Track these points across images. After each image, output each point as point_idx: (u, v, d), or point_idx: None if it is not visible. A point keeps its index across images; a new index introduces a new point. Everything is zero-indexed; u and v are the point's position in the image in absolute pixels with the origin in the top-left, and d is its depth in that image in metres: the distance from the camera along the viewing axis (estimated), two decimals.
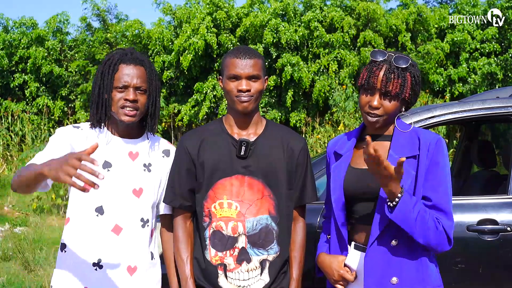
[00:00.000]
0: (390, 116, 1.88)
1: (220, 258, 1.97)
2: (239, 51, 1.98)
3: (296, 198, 2.06)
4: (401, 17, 13.08)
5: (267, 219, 1.98)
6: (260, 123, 2.07)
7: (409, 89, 1.85)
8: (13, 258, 5.36)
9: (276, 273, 1.99)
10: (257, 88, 1.97)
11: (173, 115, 13.14)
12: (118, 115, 1.95)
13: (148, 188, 2.01)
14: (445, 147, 1.85)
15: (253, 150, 1.99)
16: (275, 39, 12.51)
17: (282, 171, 2.01)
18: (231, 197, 1.97)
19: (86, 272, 1.91)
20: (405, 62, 1.83)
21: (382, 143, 1.91)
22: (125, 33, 14.07)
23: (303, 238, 2.08)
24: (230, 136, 2.02)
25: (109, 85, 1.94)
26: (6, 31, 14.39)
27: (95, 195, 1.92)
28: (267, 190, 1.99)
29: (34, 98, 13.65)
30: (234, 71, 1.95)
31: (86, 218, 1.93)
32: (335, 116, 10.77)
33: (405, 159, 1.76)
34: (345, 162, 1.95)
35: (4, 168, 10.36)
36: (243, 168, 1.98)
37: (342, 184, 1.91)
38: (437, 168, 1.81)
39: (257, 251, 1.97)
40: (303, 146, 2.07)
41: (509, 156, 3.22)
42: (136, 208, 1.98)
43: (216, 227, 1.97)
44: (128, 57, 1.97)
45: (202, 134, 2.05)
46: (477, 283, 2.72)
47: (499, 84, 12.31)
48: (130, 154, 2.01)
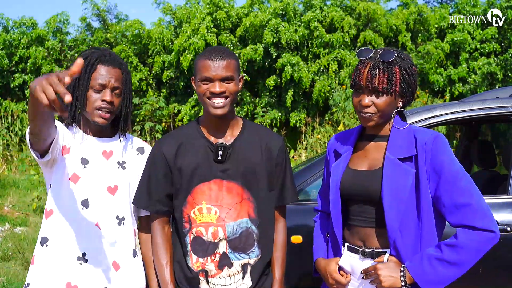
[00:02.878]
0: (384, 114, 1.81)
1: (202, 264, 1.94)
2: (211, 53, 1.90)
3: (276, 198, 2.02)
4: (401, 17, 13.09)
5: (247, 222, 1.94)
6: (237, 125, 2.01)
7: (399, 83, 1.77)
8: (13, 258, 5.36)
9: (258, 276, 1.97)
10: (231, 89, 1.89)
11: (173, 115, 13.14)
12: (92, 116, 1.93)
13: (123, 185, 2.02)
14: (444, 143, 1.75)
15: (231, 154, 1.95)
16: (275, 39, 12.51)
17: (262, 172, 1.97)
18: (210, 202, 1.93)
19: (70, 266, 1.90)
20: (390, 56, 1.77)
21: (379, 144, 1.87)
22: (125, 33, 14.08)
23: (284, 238, 2.05)
24: (207, 140, 1.97)
25: (85, 84, 1.92)
26: (6, 31, 14.40)
27: (83, 188, 1.93)
28: (246, 193, 1.95)
29: None
30: (206, 73, 1.87)
31: (71, 211, 1.92)
32: (335, 116, 10.77)
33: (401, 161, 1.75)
34: (344, 163, 1.91)
35: (4, 168, 10.36)
36: (221, 172, 1.93)
37: (339, 185, 1.87)
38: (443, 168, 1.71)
39: (238, 255, 1.94)
40: (281, 145, 2.03)
41: (509, 156, 3.22)
42: (111, 205, 1.98)
43: (197, 233, 1.93)
44: (106, 58, 1.96)
45: (179, 138, 1.99)
46: (477, 284, 2.72)
47: (499, 84, 12.32)
48: (104, 153, 2.01)
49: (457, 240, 1.67)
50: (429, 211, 1.74)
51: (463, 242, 1.66)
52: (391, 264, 1.73)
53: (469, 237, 1.67)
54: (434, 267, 1.67)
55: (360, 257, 1.83)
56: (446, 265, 1.67)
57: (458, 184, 1.70)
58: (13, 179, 9.37)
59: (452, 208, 1.70)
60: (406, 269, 1.71)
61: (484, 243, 1.67)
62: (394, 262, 1.74)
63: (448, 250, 1.67)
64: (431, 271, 1.67)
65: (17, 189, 8.93)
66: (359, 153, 1.91)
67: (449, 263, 1.67)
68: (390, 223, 1.73)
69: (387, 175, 1.75)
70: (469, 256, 1.67)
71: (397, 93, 1.79)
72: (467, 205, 1.68)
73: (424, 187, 1.73)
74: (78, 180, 1.93)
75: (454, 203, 1.69)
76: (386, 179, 1.75)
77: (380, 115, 1.80)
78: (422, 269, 1.68)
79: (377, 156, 1.85)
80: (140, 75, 13.34)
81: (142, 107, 11.95)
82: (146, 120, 11.70)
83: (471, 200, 1.68)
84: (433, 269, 1.67)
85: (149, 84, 13.76)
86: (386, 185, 1.74)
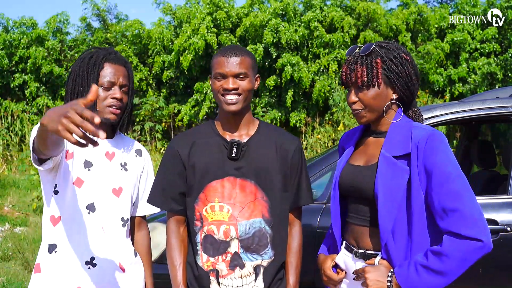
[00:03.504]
0: (372, 108, 1.74)
1: (212, 264, 1.90)
2: (225, 50, 1.91)
3: (291, 200, 1.99)
4: (401, 17, 13.08)
5: (260, 223, 1.90)
6: (253, 124, 2.00)
7: (381, 74, 1.71)
8: (13, 258, 5.36)
9: (271, 279, 1.92)
10: (244, 86, 1.89)
11: (173, 115, 13.14)
12: (103, 113, 1.92)
13: (127, 187, 2.01)
14: (439, 141, 1.65)
15: (245, 151, 1.93)
16: (275, 39, 12.51)
17: (276, 172, 1.94)
18: (223, 200, 1.90)
19: (79, 272, 1.89)
20: (368, 48, 1.73)
21: (378, 139, 1.82)
22: (125, 33, 14.08)
23: (299, 242, 2.01)
24: (221, 137, 1.96)
25: (92, 82, 1.91)
26: (6, 31, 14.39)
27: (87, 192, 1.92)
28: (260, 192, 1.92)
29: (34, 98, 13.65)
30: (220, 69, 1.88)
31: (78, 215, 1.91)
32: (335, 116, 10.77)
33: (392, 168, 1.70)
34: (345, 158, 1.89)
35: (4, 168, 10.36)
36: (235, 170, 1.91)
37: (338, 180, 1.86)
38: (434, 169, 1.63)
39: (251, 256, 1.90)
40: (297, 146, 2.01)
41: (509, 156, 3.22)
42: (117, 207, 1.97)
43: (208, 231, 1.91)
44: (112, 56, 1.97)
45: (193, 136, 1.99)
46: (477, 284, 2.72)
47: (499, 84, 12.32)
48: (107, 154, 2.00)
49: (442, 248, 1.59)
50: (421, 213, 1.66)
51: (448, 250, 1.58)
52: (381, 268, 1.69)
53: (454, 245, 1.57)
54: (419, 275, 1.61)
55: (353, 257, 1.81)
56: (431, 274, 1.59)
57: (448, 186, 1.60)
58: (13, 179, 9.38)
59: (441, 212, 1.61)
60: (393, 275, 1.65)
61: (470, 253, 1.57)
62: (385, 266, 1.69)
63: (433, 258, 1.60)
64: (416, 278, 1.61)
65: (17, 189, 8.93)
66: (360, 148, 1.88)
67: (434, 272, 1.59)
68: (382, 224, 1.67)
69: (381, 173, 1.69)
70: (454, 265, 1.57)
71: (380, 85, 1.72)
72: (455, 210, 1.58)
73: (415, 187, 1.66)
74: (82, 184, 1.92)
75: (442, 206, 1.61)
76: (380, 177, 1.69)
77: (369, 109, 1.75)
78: (408, 276, 1.62)
79: (374, 151, 1.80)
80: (140, 75, 13.34)
81: (142, 107, 11.96)
82: (146, 120, 11.72)
83: (460, 205, 1.58)
84: (418, 277, 1.61)
85: (149, 84, 13.76)
86: (379, 183, 1.68)
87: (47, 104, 13.28)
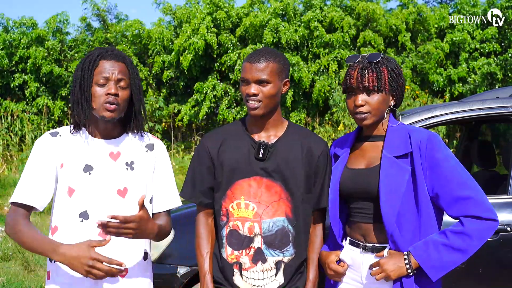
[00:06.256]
0: (378, 111, 1.91)
1: (236, 257, 2.01)
2: (252, 55, 1.99)
3: (314, 201, 2.06)
4: (401, 17, 13.09)
5: (283, 221, 1.99)
6: (281, 125, 2.08)
7: (388, 81, 1.89)
8: (13, 258, 5.36)
9: (291, 274, 2.01)
10: (266, 93, 1.96)
11: (173, 115, 13.15)
12: (99, 111, 1.89)
13: (133, 187, 1.96)
14: (438, 141, 1.86)
15: (272, 153, 2.01)
16: (275, 39, 12.52)
17: (301, 174, 2.01)
18: (249, 198, 1.99)
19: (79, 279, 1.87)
20: (377, 57, 1.91)
21: (375, 143, 1.97)
22: (125, 33, 14.09)
23: (321, 240, 2.09)
24: (250, 137, 2.05)
25: (88, 80, 1.89)
26: (6, 31, 14.38)
27: (78, 200, 1.89)
28: (284, 192, 2.00)
29: (34, 98, 13.64)
30: (244, 74, 1.98)
31: (71, 225, 1.89)
32: (335, 116, 10.78)
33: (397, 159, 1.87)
34: (342, 163, 2.01)
35: (4, 168, 10.36)
36: (262, 170, 2.00)
37: (338, 184, 1.97)
38: (439, 165, 1.83)
39: (273, 252, 2.00)
40: (324, 149, 2.07)
41: (509, 156, 3.22)
42: (122, 208, 1.93)
43: (233, 227, 2.01)
44: (108, 53, 1.94)
45: (223, 134, 2.09)
46: (477, 284, 2.72)
47: (499, 84, 12.32)
48: (111, 155, 1.96)
49: (464, 228, 1.79)
50: (428, 205, 1.85)
51: (470, 230, 1.78)
52: (394, 255, 1.83)
53: (475, 225, 1.79)
54: (439, 252, 1.78)
55: (361, 251, 1.93)
56: (451, 251, 1.78)
57: (456, 178, 1.82)
58: (13, 179, 9.37)
59: (453, 202, 1.81)
60: (410, 254, 1.80)
61: (487, 231, 1.80)
62: (395, 253, 1.84)
63: (455, 237, 1.79)
64: (437, 256, 1.78)
65: None
66: (356, 153, 2.02)
67: (454, 249, 1.78)
68: (386, 218, 1.82)
69: (385, 173, 1.85)
70: (474, 242, 1.79)
71: (387, 91, 1.90)
72: (468, 198, 1.80)
73: (420, 182, 1.84)
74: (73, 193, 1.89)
75: (454, 196, 1.81)
76: (384, 176, 1.85)
77: (374, 113, 1.91)
78: (427, 254, 1.78)
79: (374, 154, 1.95)
80: (140, 75, 13.29)
81: None
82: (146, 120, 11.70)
83: (472, 193, 1.81)
84: (438, 254, 1.78)
85: (149, 84, 13.76)
86: (383, 182, 1.84)
87: (47, 104, 13.28)
